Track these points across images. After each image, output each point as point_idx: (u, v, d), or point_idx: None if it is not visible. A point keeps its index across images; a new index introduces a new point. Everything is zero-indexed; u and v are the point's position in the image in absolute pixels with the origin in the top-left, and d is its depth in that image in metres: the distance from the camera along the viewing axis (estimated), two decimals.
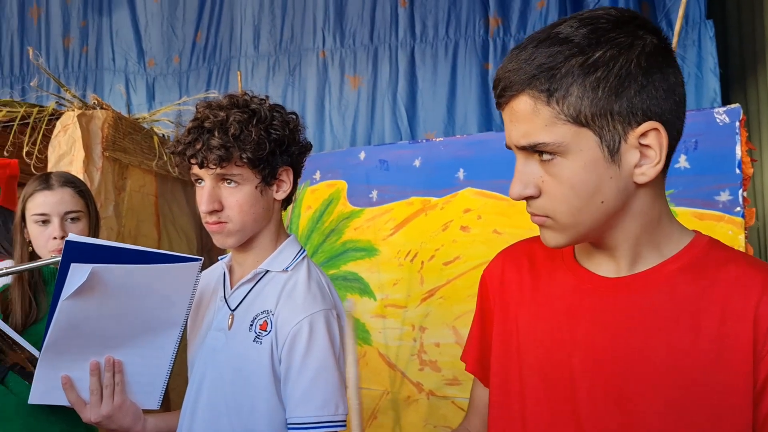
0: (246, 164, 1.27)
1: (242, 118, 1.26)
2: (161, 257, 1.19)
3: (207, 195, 1.28)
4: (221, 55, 4.52)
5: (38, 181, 1.75)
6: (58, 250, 1.68)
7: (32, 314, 1.68)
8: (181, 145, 1.29)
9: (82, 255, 1.11)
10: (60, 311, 1.16)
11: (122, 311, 1.22)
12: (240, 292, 1.36)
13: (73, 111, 2.76)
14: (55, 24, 4.84)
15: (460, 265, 2.84)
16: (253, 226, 1.33)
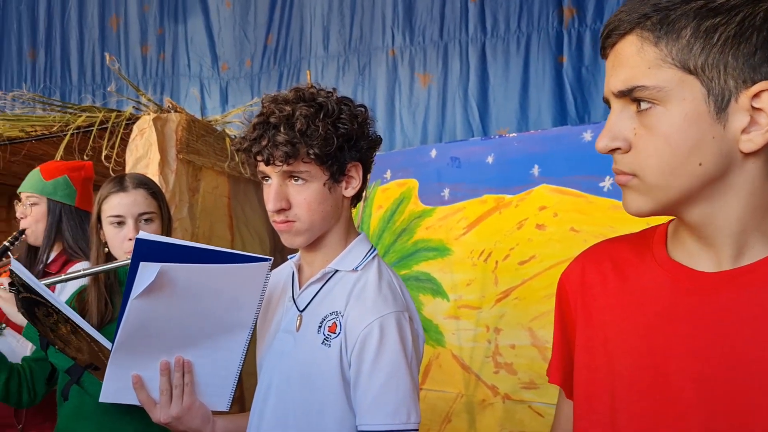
0: (313, 161, 1.22)
1: (309, 112, 1.22)
2: (231, 257, 1.16)
3: (274, 193, 1.24)
4: (291, 57, 4.54)
5: (113, 183, 1.77)
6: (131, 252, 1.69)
7: (108, 315, 1.71)
8: (247, 142, 1.26)
9: (153, 254, 1.10)
10: (130, 310, 1.15)
11: (191, 311, 1.20)
12: (308, 292, 1.32)
13: (149, 115, 2.81)
14: (133, 32, 4.99)
15: (535, 265, 2.74)
16: (321, 224, 1.29)
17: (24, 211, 2.19)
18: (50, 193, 2.19)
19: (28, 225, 2.18)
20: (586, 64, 3.82)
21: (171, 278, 1.13)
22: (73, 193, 2.23)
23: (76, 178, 2.27)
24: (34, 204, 2.19)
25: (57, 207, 2.19)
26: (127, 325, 1.17)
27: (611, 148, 0.83)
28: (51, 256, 2.16)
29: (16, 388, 1.73)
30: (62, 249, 2.18)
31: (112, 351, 1.23)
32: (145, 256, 1.10)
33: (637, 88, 0.79)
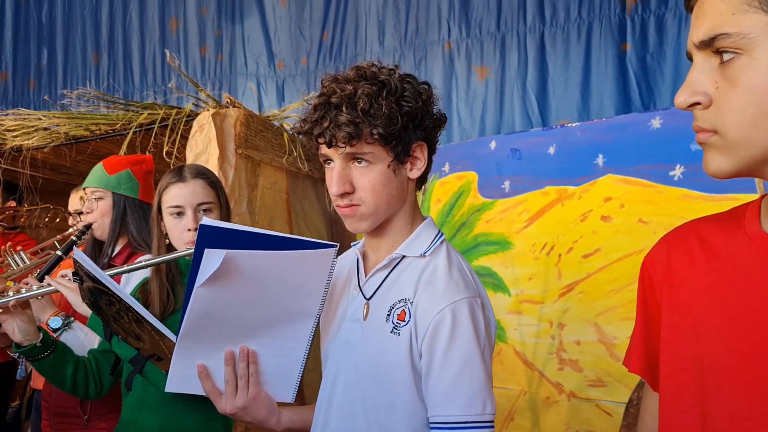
0: (377, 141, 1.17)
1: (371, 90, 1.17)
2: (296, 243, 1.12)
3: (337, 176, 1.20)
4: (347, 53, 4.54)
5: (171, 174, 1.77)
6: (193, 242, 1.69)
7: (170, 305, 1.71)
8: (308, 124, 1.21)
9: (217, 240, 1.08)
10: (195, 298, 1.13)
11: (256, 299, 1.17)
12: (375, 279, 1.28)
13: (208, 111, 2.83)
14: (192, 33, 5.08)
15: (601, 258, 2.65)
16: (387, 208, 1.24)
17: (90, 206, 2.21)
18: (114, 186, 2.21)
19: (95, 219, 2.21)
20: (650, 51, 3.68)
21: (236, 265, 1.10)
22: (136, 186, 2.25)
23: (138, 171, 2.28)
24: (99, 198, 2.21)
25: (121, 200, 2.21)
26: (192, 314, 1.16)
27: (690, 103, 0.77)
28: (116, 249, 2.19)
29: (82, 380, 1.75)
30: (127, 242, 2.20)
31: (178, 340, 1.21)
32: (209, 242, 1.08)
33: (719, 36, 0.73)
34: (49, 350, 1.67)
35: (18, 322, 1.65)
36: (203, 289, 1.12)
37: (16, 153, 3.27)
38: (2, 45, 5.87)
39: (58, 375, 1.70)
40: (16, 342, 1.66)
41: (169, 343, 1.36)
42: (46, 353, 1.67)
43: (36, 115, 3.03)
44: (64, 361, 1.70)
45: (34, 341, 1.65)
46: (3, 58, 5.85)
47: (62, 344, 1.74)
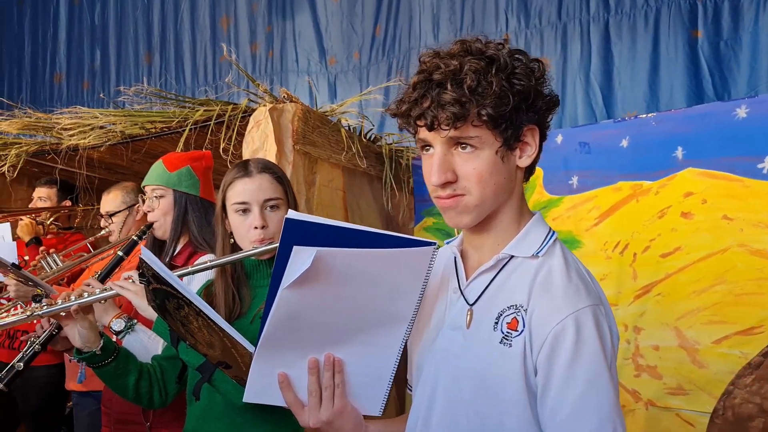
0: (485, 123, 1.04)
1: (479, 66, 1.04)
2: (392, 240, 1.00)
3: (438, 164, 1.06)
4: (400, 47, 4.43)
5: (237, 169, 1.68)
6: (260, 240, 1.60)
7: (235, 309, 1.61)
8: (405, 104, 1.09)
9: (304, 236, 0.96)
10: (280, 301, 1.02)
11: (346, 302, 1.06)
12: (479, 282, 1.14)
13: (265, 106, 2.76)
14: (243, 31, 5.04)
15: (681, 257, 2.48)
16: (493, 200, 1.10)
17: (151, 205, 2.14)
18: (175, 184, 2.14)
19: (156, 218, 2.13)
20: (724, 38, 3.47)
21: (327, 264, 0.99)
22: (196, 183, 2.17)
23: (198, 167, 2.20)
24: (160, 196, 2.13)
25: (182, 198, 2.13)
26: (275, 318, 1.05)
27: None
28: (177, 248, 2.12)
29: (146, 388, 1.67)
30: (188, 241, 2.12)
31: (258, 346, 1.11)
32: (295, 238, 0.96)
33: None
34: (110, 358, 1.60)
35: (79, 327, 1.58)
36: (289, 291, 1.01)
37: (72, 152, 3.25)
38: (57, 46, 5.93)
39: (120, 384, 1.63)
40: (76, 348, 1.59)
41: (242, 350, 1.26)
42: (107, 361, 1.60)
43: (92, 113, 3.00)
44: (126, 370, 1.62)
45: (94, 348, 1.58)
46: (57, 60, 5.92)
47: (125, 352, 1.66)
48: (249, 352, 1.29)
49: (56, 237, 3.49)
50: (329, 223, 0.99)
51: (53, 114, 3.18)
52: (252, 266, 1.67)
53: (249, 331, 1.53)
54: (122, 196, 2.84)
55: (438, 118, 1.04)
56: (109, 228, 2.83)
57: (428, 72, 1.07)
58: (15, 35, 6.20)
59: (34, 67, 6.06)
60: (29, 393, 3.13)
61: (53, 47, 5.96)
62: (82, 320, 1.58)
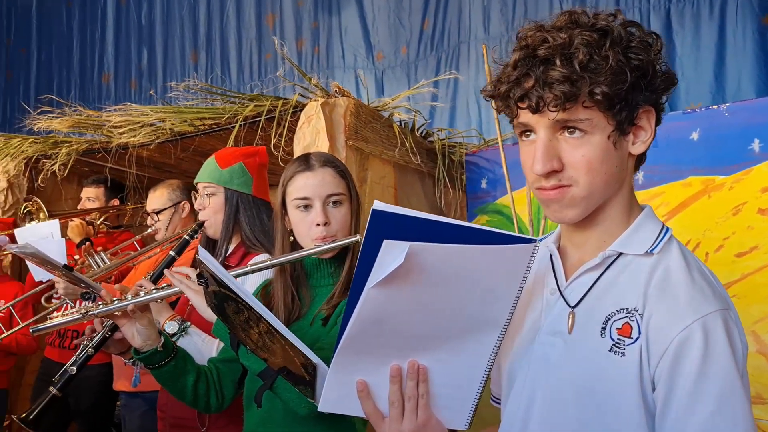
0: (597, 104, 0.93)
1: (591, 39, 0.92)
2: (490, 236, 0.89)
3: (543, 150, 0.95)
4: (449, 41, 4.31)
5: (297, 163, 1.59)
6: (321, 238, 1.51)
7: (295, 310, 1.53)
8: (504, 84, 0.97)
9: (392, 229, 0.86)
10: (365, 301, 0.92)
11: (436, 304, 0.95)
12: (582, 282, 1.02)
13: (317, 101, 2.68)
14: (288, 28, 4.99)
15: (759, 257, 2.33)
16: (603, 191, 0.98)
17: (202, 203, 2.07)
18: (227, 181, 2.06)
19: (207, 217, 2.06)
20: None
21: (420, 261, 0.89)
22: (249, 181, 2.08)
23: (251, 164, 2.11)
24: (211, 194, 2.06)
25: (234, 196, 2.05)
26: (358, 320, 0.95)
27: None
28: (229, 248, 2.05)
29: (204, 391, 1.60)
30: (240, 241, 2.05)
31: (337, 351, 1.01)
32: (383, 232, 0.86)
33: None
34: (170, 356, 1.53)
35: (138, 326, 1.52)
36: (376, 290, 0.91)
37: (122, 150, 3.23)
38: (104, 47, 5.98)
39: (179, 385, 1.55)
40: (135, 347, 1.53)
41: (304, 359, 1.17)
42: (166, 360, 1.53)
43: (142, 110, 2.97)
44: (184, 370, 1.55)
45: (155, 346, 1.51)
46: (105, 60, 5.96)
47: (183, 351, 1.59)
48: (311, 362, 1.20)
49: (106, 236, 3.48)
50: (420, 215, 0.88)
51: (103, 111, 3.16)
52: (312, 265, 1.58)
53: (308, 333, 1.44)
54: (168, 194, 2.80)
55: (544, 98, 0.93)
56: (155, 226, 2.79)
57: (531, 47, 0.95)
58: (64, 37, 6.28)
59: (83, 67, 6.12)
60: (81, 392, 3.11)
61: (101, 47, 6.01)
62: (141, 318, 1.52)
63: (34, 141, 3.55)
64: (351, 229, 1.56)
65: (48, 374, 3.29)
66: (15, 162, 3.59)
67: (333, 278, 1.56)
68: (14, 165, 3.61)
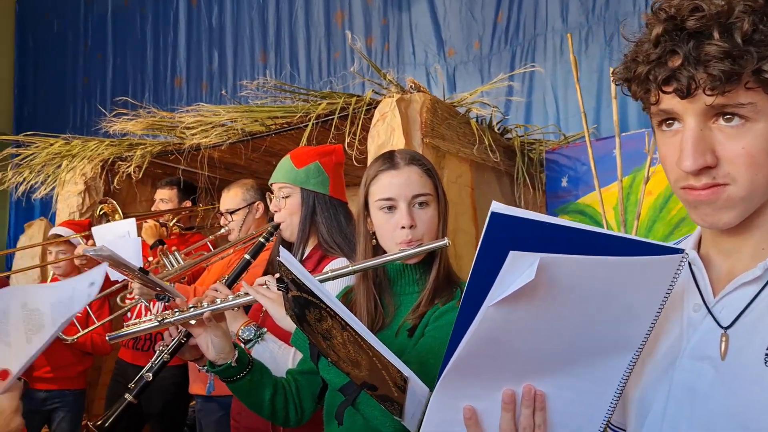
0: (764, 85, 0.77)
1: (756, 5, 0.77)
2: (628, 245, 0.75)
3: (693, 143, 0.80)
4: (525, 34, 4.14)
5: (381, 161, 1.48)
6: (407, 242, 1.40)
7: (378, 319, 1.42)
8: (642, 65, 0.83)
9: (514, 236, 0.75)
10: (484, 320, 0.80)
11: (563, 323, 0.82)
12: (736, 298, 0.86)
13: (392, 97, 2.58)
14: (357, 25, 4.91)
15: None
16: (765, 190, 0.83)
17: (277, 204, 1.99)
18: (303, 182, 1.97)
19: (283, 218, 1.98)
20: None
21: (551, 276, 0.76)
22: (326, 181, 1.99)
23: (328, 163, 2.01)
24: (287, 195, 1.97)
25: (310, 197, 1.96)
26: (473, 341, 0.82)
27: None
28: (305, 251, 1.96)
29: (282, 405, 1.51)
30: (317, 244, 1.96)
31: (444, 374, 0.88)
32: (502, 239, 0.75)
33: None
34: (245, 371, 1.45)
35: (212, 336, 1.44)
36: (498, 308, 0.78)
37: (194, 152, 3.21)
38: (177, 51, 6.06)
39: (255, 399, 1.47)
40: (210, 359, 1.45)
41: (395, 372, 1.06)
42: (242, 374, 1.45)
43: (214, 110, 2.93)
44: (261, 384, 1.46)
45: (229, 360, 1.44)
46: (178, 64, 6.04)
47: (259, 364, 1.51)
48: (403, 375, 1.09)
49: (178, 238, 3.48)
50: (548, 219, 0.75)
51: (176, 113, 3.15)
52: (396, 271, 1.47)
53: (393, 345, 1.33)
54: (242, 194, 2.75)
55: (696, 79, 0.77)
56: (229, 226, 2.74)
57: (679, 18, 0.79)
58: (138, 41, 6.40)
59: (156, 71, 6.22)
60: (154, 395, 3.10)
61: (173, 51, 6.09)
62: (215, 328, 1.44)
63: (110, 144, 3.59)
64: (438, 231, 1.44)
65: (122, 375, 3.31)
66: (92, 165, 3.63)
67: (419, 285, 1.44)
68: (91, 168, 3.65)
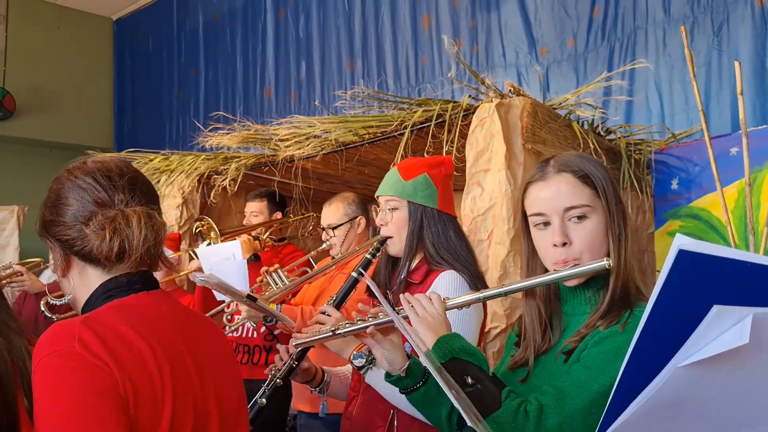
0: None
1: None
2: None
3: None
4: (624, 28, 3.92)
5: (534, 170, 1.37)
6: (562, 262, 1.27)
7: (545, 341, 1.32)
8: None
9: (708, 278, 0.62)
10: (670, 382, 0.69)
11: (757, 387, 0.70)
12: None
13: (490, 102, 2.47)
14: (445, 28, 4.81)
15: None
16: None
17: (384, 218, 1.91)
18: (410, 195, 1.88)
19: (390, 233, 1.90)
20: None
21: (761, 334, 0.63)
22: (434, 194, 1.89)
23: (437, 175, 1.92)
24: (394, 209, 1.89)
25: (418, 210, 1.87)
26: (652, 403, 0.71)
27: None
28: (411, 265, 1.89)
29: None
30: (422, 258, 1.89)
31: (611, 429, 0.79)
32: (691, 282, 0.63)
33: None
34: (419, 383, 1.36)
35: (382, 349, 1.37)
36: (690, 370, 0.67)
37: (288, 163, 3.21)
38: (265, 62, 6.15)
39: (432, 415, 1.37)
40: (386, 371, 1.38)
41: None
42: (415, 386, 1.35)
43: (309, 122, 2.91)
44: (437, 401, 1.35)
45: (399, 372, 1.36)
46: (267, 74, 6.13)
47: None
48: None
49: (271, 250, 3.48)
50: (749, 258, 0.63)
51: (270, 125, 3.15)
52: (566, 289, 1.35)
53: (552, 369, 1.24)
54: (343, 208, 2.71)
55: None
56: (330, 241, 2.70)
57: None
58: (228, 55, 6.54)
59: (246, 83, 6.33)
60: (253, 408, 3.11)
61: (262, 62, 6.18)
62: (383, 341, 1.37)
63: (206, 158, 3.64)
64: (606, 246, 1.29)
65: None
66: (189, 179, 3.70)
67: (589, 305, 1.31)
68: (188, 182, 3.72)
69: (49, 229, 1.18)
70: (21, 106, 7.06)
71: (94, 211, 1.14)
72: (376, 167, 3.39)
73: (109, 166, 1.19)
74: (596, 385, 1.16)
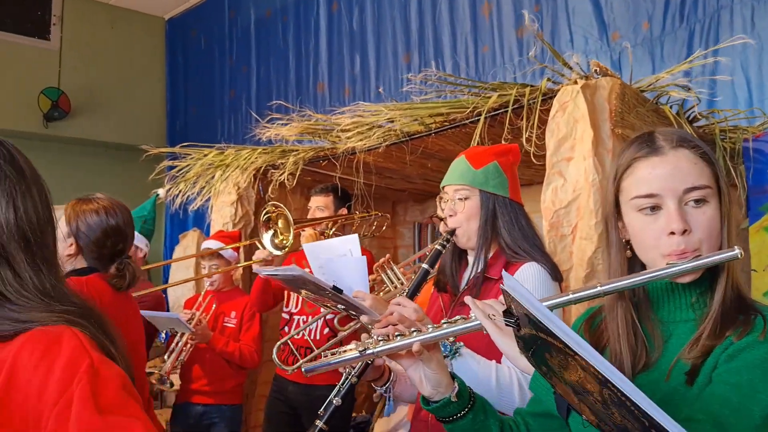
0: None
1: None
2: None
3: None
4: (705, 7, 3.64)
5: (636, 145, 1.13)
6: (679, 253, 1.05)
7: (640, 356, 1.09)
8: None
9: None
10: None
11: None
12: None
13: (573, 84, 2.26)
14: (506, 16, 4.58)
15: None
16: None
17: (453, 208, 1.82)
18: (482, 183, 1.79)
19: (459, 223, 1.81)
20: None
21: None
22: (504, 182, 1.81)
23: (506, 163, 1.84)
24: (465, 198, 1.81)
25: (490, 199, 1.79)
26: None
27: None
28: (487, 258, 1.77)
29: None
30: (497, 250, 1.78)
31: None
32: None
33: None
34: (466, 407, 1.19)
35: (425, 369, 1.20)
36: None
37: (350, 156, 3.04)
38: (318, 56, 6.01)
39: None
40: (424, 395, 1.21)
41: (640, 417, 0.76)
42: (462, 412, 1.19)
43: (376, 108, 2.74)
44: (485, 426, 1.20)
45: (447, 395, 1.19)
46: (320, 69, 5.99)
47: (482, 400, 1.24)
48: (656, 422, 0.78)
49: None
50: None
51: (332, 114, 2.99)
52: (662, 291, 1.13)
53: (662, 393, 1.03)
54: None
55: None
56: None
57: None
58: (280, 50, 6.43)
59: (299, 78, 6.21)
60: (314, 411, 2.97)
61: (315, 57, 6.05)
62: (428, 360, 1.19)
63: (263, 151, 3.51)
64: (722, 238, 1.08)
65: (279, 392, 3.24)
66: (245, 174, 3.57)
67: (695, 310, 1.09)
68: (244, 177, 3.60)
69: None
70: (76, 106, 7.09)
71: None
72: (439, 159, 3.21)
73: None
74: (756, 408, 0.95)
